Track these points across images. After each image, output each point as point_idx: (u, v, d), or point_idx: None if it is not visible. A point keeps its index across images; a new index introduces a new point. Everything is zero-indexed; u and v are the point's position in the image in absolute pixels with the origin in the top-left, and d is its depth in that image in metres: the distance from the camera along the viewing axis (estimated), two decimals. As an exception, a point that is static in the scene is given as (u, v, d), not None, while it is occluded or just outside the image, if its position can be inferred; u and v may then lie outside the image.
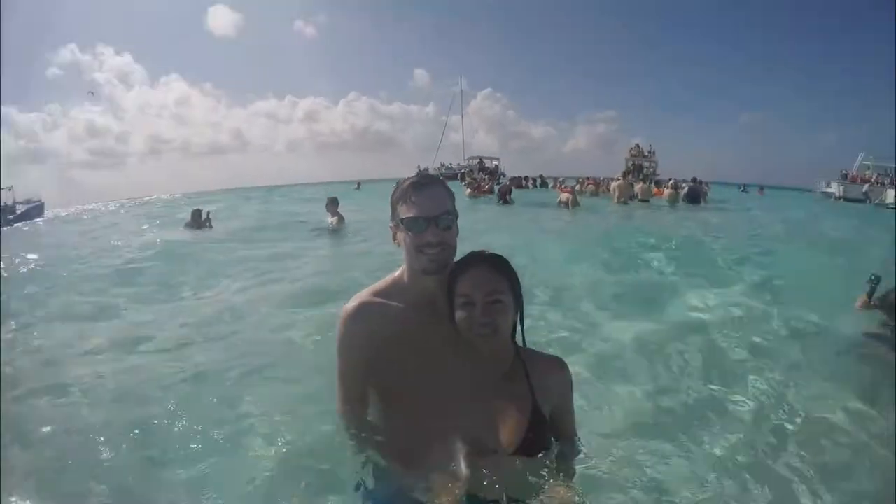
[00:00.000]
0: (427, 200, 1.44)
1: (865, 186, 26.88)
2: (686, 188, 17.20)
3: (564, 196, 14.86)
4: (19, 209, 21.13)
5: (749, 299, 4.69)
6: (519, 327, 1.46)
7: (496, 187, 20.29)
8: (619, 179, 18.24)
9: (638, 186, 18.14)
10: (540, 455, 1.37)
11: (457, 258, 1.46)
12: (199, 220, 11.15)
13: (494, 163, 42.63)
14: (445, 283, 1.41)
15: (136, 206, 26.56)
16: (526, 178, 30.13)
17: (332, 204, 9.42)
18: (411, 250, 1.45)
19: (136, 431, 2.24)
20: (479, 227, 9.61)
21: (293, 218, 12.88)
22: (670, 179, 19.50)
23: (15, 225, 17.50)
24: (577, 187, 17.59)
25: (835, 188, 28.86)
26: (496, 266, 1.39)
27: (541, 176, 31.33)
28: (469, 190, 18.58)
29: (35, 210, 22.18)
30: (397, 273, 1.57)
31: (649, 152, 32.35)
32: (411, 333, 1.46)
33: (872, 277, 3.38)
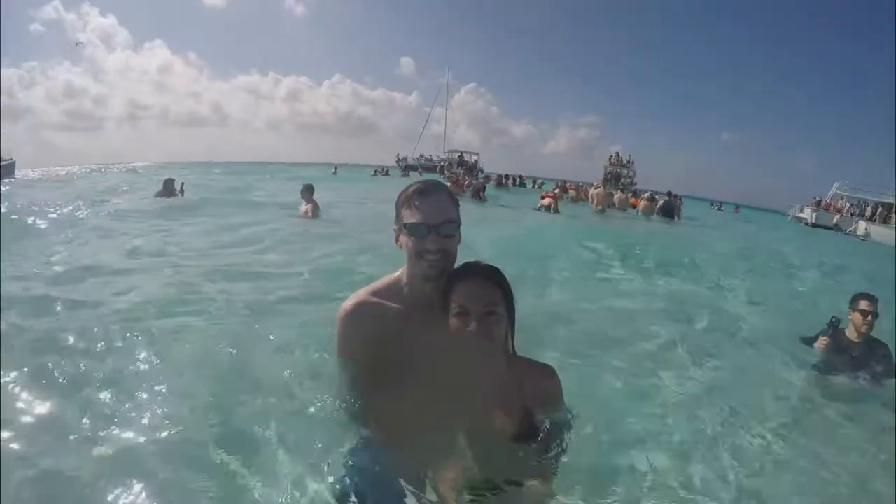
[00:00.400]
0: (430, 207, 1.47)
1: (836, 217, 26.95)
2: (661, 202, 17.43)
3: (546, 201, 14.84)
4: None
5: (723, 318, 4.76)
6: (510, 336, 1.49)
7: (474, 182, 20.14)
8: (598, 187, 18.51)
9: (617, 196, 18.46)
10: (531, 442, 1.45)
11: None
12: (171, 189, 11.17)
13: (474, 158, 42.45)
14: (442, 288, 1.44)
15: (120, 173, 25.55)
16: (507, 176, 28.87)
17: (308, 191, 9.04)
18: (412, 255, 1.49)
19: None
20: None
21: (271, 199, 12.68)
22: (647, 192, 19.82)
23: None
24: (556, 191, 17.60)
25: (807, 214, 29.15)
26: (491, 278, 1.42)
27: (520, 176, 30.67)
28: (450, 184, 18.40)
29: (6, 169, 20.98)
30: (396, 274, 1.60)
31: (628, 162, 32.78)
32: (407, 334, 1.48)
33: (833, 320, 3.57)
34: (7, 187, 13.52)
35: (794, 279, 7.96)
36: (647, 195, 18.48)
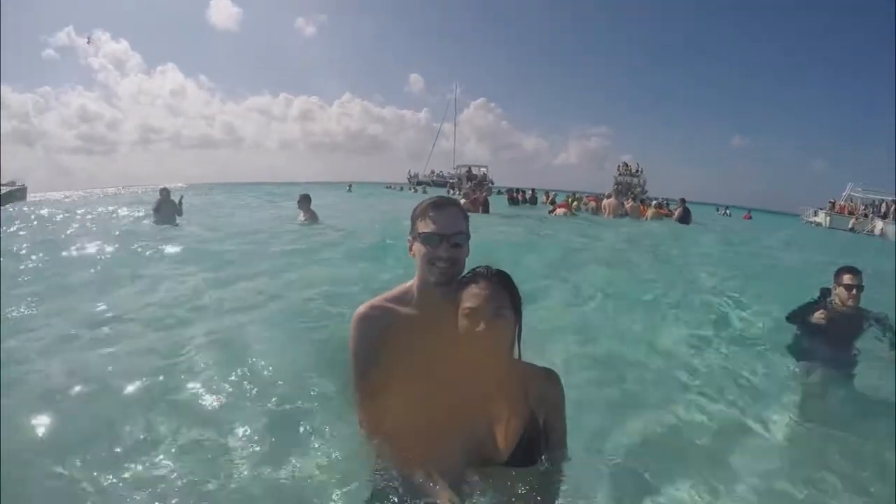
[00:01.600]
0: (444, 219, 1.63)
1: (852, 221, 25.67)
2: (679, 211, 17.30)
3: (560, 211, 14.94)
4: (2, 190, 20.38)
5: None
6: (517, 340, 1.56)
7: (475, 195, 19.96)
8: (609, 197, 18.75)
9: (629, 205, 18.62)
10: (531, 467, 1.49)
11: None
12: (167, 200, 9.56)
13: (482, 170, 42.49)
14: (451, 295, 1.53)
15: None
16: (518, 190, 25.24)
17: (305, 201, 8.95)
18: (424, 262, 1.64)
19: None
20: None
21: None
22: (656, 200, 19.82)
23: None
24: (574, 203, 17.74)
25: (821, 218, 28.07)
26: (500, 282, 1.51)
27: (532, 190, 26.11)
28: (464, 201, 18.55)
29: (18, 193, 21.51)
30: (409, 283, 1.74)
31: (638, 171, 32.90)
32: (416, 339, 1.58)
33: (824, 290, 3.61)
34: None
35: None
36: (654, 203, 18.53)
